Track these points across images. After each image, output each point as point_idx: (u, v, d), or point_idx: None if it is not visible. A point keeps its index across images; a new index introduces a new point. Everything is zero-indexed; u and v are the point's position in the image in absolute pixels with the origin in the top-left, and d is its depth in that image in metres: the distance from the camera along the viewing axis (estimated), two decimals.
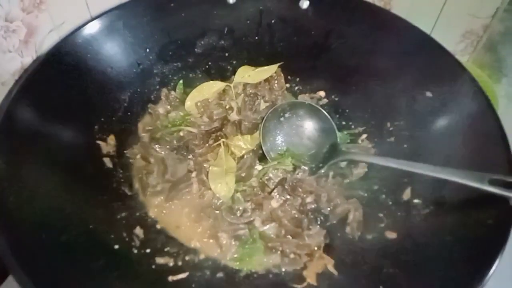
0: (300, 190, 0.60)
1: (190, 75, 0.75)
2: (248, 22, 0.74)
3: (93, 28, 0.65)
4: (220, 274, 0.54)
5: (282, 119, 0.68)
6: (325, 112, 0.67)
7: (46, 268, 0.44)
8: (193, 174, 0.63)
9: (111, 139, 0.64)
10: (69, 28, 0.67)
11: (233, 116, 0.70)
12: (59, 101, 0.59)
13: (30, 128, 0.54)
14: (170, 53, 0.72)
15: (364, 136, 0.68)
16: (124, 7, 0.67)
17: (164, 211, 0.60)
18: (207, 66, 0.75)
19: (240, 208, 0.60)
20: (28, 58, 0.64)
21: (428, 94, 0.62)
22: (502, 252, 0.45)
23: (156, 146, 0.65)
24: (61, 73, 0.60)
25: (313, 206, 0.60)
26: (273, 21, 0.74)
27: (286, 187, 0.61)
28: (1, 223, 0.43)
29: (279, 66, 0.73)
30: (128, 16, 0.67)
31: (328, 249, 0.57)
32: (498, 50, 0.84)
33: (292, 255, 0.55)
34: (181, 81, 0.74)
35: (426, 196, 0.56)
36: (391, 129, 0.66)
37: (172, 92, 0.72)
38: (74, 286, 0.46)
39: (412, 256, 0.51)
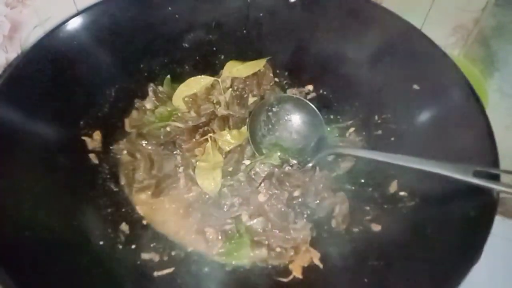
0: (287, 184, 0.60)
1: (178, 70, 0.74)
2: (236, 16, 0.73)
3: (78, 22, 0.64)
4: (206, 269, 0.54)
5: (270, 113, 0.68)
6: (313, 106, 0.67)
7: (29, 266, 0.44)
8: (180, 170, 0.63)
9: (97, 135, 0.63)
10: (55, 23, 0.66)
11: (221, 111, 0.69)
12: (44, 97, 0.58)
13: (14, 124, 0.54)
14: (157, 48, 0.72)
15: (352, 129, 0.68)
16: (110, 2, 0.67)
17: (151, 207, 0.60)
18: (194, 61, 0.75)
19: (227, 202, 0.60)
20: (13, 54, 0.64)
21: (415, 87, 0.62)
22: (485, 242, 0.45)
23: (143, 141, 0.64)
24: (45, 68, 0.60)
25: (300, 200, 0.60)
26: (261, 15, 0.73)
27: (273, 181, 0.61)
28: None
29: (267, 60, 0.73)
30: (113, 11, 0.66)
31: (314, 242, 0.57)
32: (490, 44, 0.83)
33: (278, 249, 0.56)
34: (168, 76, 0.73)
35: (412, 188, 0.56)
36: (378, 122, 0.66)
37: (160, 87, 0.72)
38: (58, 283, 0.46)
39: (397, 248, 0.52)
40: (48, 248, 0.48)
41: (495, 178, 0.48)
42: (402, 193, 0.57)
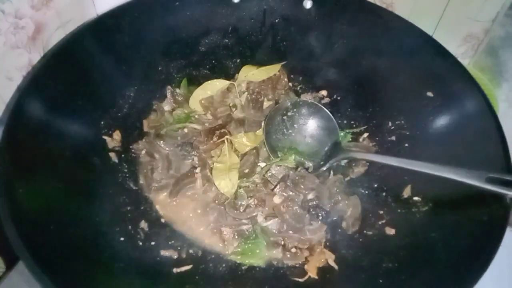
0: (302, 186, 0.61)
1: (194, 73, 0.76)
2: (252, 21, 0.75)
3: (99, 25, 0.66)
4: (223, 267, 0.56)
5: (285, 117, 0.69)
6: (327, 111, 0.68)
7: (54, 258, 0.45)
8: (197, 170, 0.64)
9: (117, 135, 0.65)
10: (76, 25, 0.68)
11: (237, 114, 0.71)
12: (66, 97, 0.60)
13: (38, 123, 0.55)
14: (175, 51, 0.73)
15: (366, 135, 0.69)
16: (130, 5, 0.68)
17: (169, 206, 0.61)
18: (211, 64, 0.76)
19: (243, 203, 0.61)
20: (35, 55, 0.65)
21: (429, 94, 0.63)
22: (497, 248, 0.46)
23: (161, 142, 0.66)
24: (68, 69, 0.61)
25: (314, 203, 0.61)
26: (276, 21, 0.75)
27: (288, 183, 0.62)
28: (11, 214, 0.44)
29: (282, 65, 0.75)
30: (133, 14, 0.68)
31: (329, 244, 0.58)
32: (499, 54, 0.84)
33: (293, 250, 0.57)
34: (185, 79, 0.75)
35: (426, 193, 0.57)
36: (392, 128, 0.67)
37: (177, 90, 0.73)
38: (81, 276, 0.47)
39: (411, 251, 0.53)
40: (71, 242, 0.49)
41: (508, 184, 0.48)
42: (415, 198, 0.58)
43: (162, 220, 0.60)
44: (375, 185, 0.63)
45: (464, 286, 0.45)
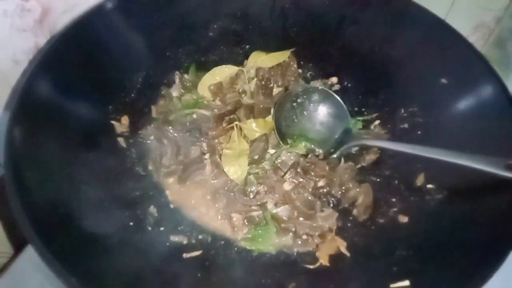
0: (312, 173, 0.61)
1: (203, 58, 0.74)
2: (262, 6, 0.73)
3: (106, 9, 0.64)
4: (233, 254, 0.55)
5: (295, 104, 0.68)
6: (338, 98, 0.66)
7: (63, 243, 0.45)
8: (206, 156, 0.63)
9: (125, 120, 0.64)
10: (82, 9, 0.67)
11: (246, 100, 0.70)
12: (73, 81, 0.59)
13: (45, 107, 0.54)
14: (183, 36, 0.72)
15: (377, 122, 0.68)
16: None
17: (178, 192, 0.61)
18: (219, 50, 0.75)
19: (253, 190, 0.60)
20: (42, 38, 0.64)
21: (443, 80, 0.62)
22: None
23: (170, 127, 0.65)
24: (75, 53, 0.60)
25: (325, 190, 0.60)
26: (286, 6, 0.73)
27: (298, 170, 0.61)
28: (20, 197, 0.44)
29: (291, 52, 0.73)
30: None
31: (340, 231, 0.57)
32: (507, 46, 0.83)
33: (304, 236, 0.56)
34: (193, 65, 0.73)
35: (440, 181, 0.56)
36: (404, 115, 0.65)
37: (185, 76, 0.72)
38: (90, 260, 0.46)
39: (424, 239, 0.52)
40: (80, 225, 0.48)
41: None
42: (429, 186, 0.56)
43: (171, 206, 0.59)
44: (387, 173, 0.62)
45: (479, 277, 0.43)
